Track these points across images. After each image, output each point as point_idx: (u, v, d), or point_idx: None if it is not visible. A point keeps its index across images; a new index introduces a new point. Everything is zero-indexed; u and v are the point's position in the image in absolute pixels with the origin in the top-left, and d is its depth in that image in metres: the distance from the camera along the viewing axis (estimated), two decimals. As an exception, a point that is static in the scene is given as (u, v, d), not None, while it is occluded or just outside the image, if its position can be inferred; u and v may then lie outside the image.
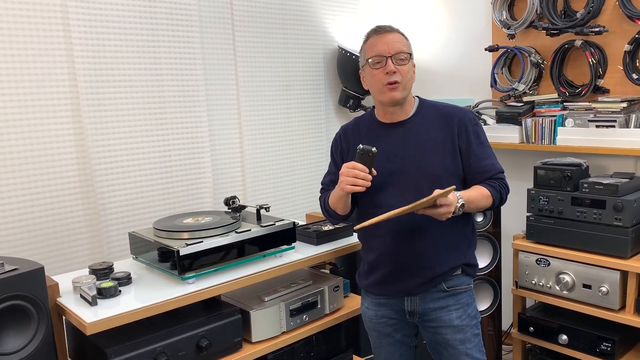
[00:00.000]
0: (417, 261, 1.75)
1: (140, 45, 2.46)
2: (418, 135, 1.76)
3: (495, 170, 1.79)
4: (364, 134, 1.85)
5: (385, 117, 1.83)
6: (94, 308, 1.63)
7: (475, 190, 1.73)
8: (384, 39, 1.72)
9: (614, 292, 2.30)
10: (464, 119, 1.77)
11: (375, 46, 1.73)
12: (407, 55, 1.73)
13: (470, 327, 1.81)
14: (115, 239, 2.44)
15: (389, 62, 1.69)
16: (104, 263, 1.90)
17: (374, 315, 1.88)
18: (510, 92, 2.89)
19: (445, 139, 1.75)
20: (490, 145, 1.82)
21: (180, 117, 2.62)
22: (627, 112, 2.47)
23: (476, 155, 1.76)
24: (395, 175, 1.75)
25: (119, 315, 1.58)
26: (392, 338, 1.88)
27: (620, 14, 2.52)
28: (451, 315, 1.79)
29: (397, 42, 1.72)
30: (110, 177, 2.41)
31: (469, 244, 1.85)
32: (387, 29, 1.75)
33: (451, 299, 1.80)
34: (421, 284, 1.76)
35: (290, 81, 3.05)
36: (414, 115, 1.80)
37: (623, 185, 2.30)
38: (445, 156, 1.74)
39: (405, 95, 1.75)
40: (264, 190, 2.97)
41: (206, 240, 1.82)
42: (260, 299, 1.99)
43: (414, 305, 1.79)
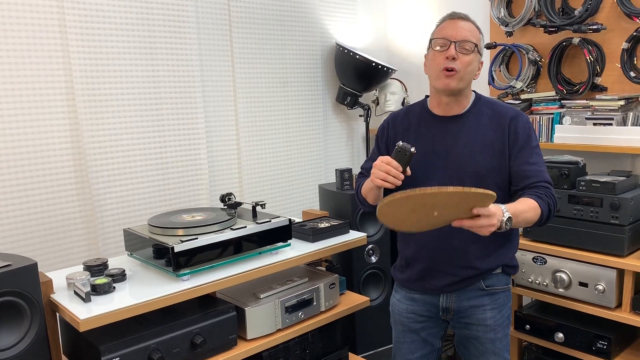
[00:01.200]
0: (455, 259, 1.72)
1: (137, 40, 2.45)
2: (469, 133, 1.72)
3: (541, 177, 1.68)
4: (414, 124, 1.80)
5: (438, 109, 1.77)
6: (87, 304, 1.62)
7: (522, 203, 1.61)
8: (455, 24, 1.69)
9: (610, 290, 2.29)
10: (516, 120, 1.71)
11: (444, 29, 1.69)
12: (472, 45, 1.67)
13: (503, 327, 1.80)
14: (111, 235, 2.43)
15: (452, 47, 1.65)
16: (98, 259, 1.89)
17: (405, 309, 1.86)
18: (508, 89, 2.89)
19: (495, 140, 1.70)
20: (541, 153, 1.73)
21: (176, 113, 2.61)
22: (625, 110, 2.46)
23: (523, 158, 1.69)
24: (439, 171, 1.72)
25: (112, 312, 1.57)
26: (416, 335, 1.86)
27: (618, 11, 2.51)
28: (486, 315, 1.77)
29: (467, 31, 1.67)
30: (106, 172, 2.40)
31: (511, 245, 1.81)
32: (461, 16, 1.72)
33: (488, 297, 1.77)
34: (457, 282, 1.74)
35: (287, 78, 3.04)
36: (467, 112, 1.75)
37: (620, 183, 2.29)
38: (493, 157, 1.69)
39: (461, 87, 1.69)
40: (261, 187, 2.96)
41: (201, 237, 1.81)
42: (256, 296, 1.98)
43: (449, 302, 1.77)
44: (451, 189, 1.35)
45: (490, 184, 1.69)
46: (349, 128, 3.42)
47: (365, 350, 2.58)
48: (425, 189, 1.36)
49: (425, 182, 1.70)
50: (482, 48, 1.74)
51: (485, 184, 1.65)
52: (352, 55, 3.06)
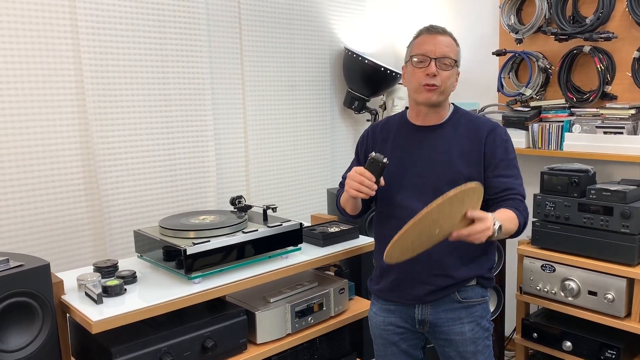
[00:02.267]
0: (430, 268, 1.71)
1: (148, 42, 2.44)
2: (446, 142, 1.72)
3: (516, 190, 1.69)
4: (392, 134, 1.81)
5: (417, 119, 1.79)
6: (99, 306, 1.60)
7: (504, 213, 1.60)
8: (433, 39, 1.69)
9: (620, 299, 2.29)
10: (494, 132, 1.72)
11: (423, 45, 1.69)
12: (452, 61, 1.69)
13: (483, 339, 1.77)
14: (118, 236, 2.42)
15: (432, 64, 1.66)
16: (108, 261, 1.88)
17: (382, 322, 1.84)
18: (517, 96, 2.89)
19: (472, 149, 1.70)
20: (518, 166, 1.74)
21: (185, 115, 2.60)
22: (635, 119, 2.46)
23: (499, 170, 1.69)
24: (418, 179, 1.72)
25: (125, 314, 1.56)
26: (397, 347, 1.84)
27: (630, 20, 2.51)
28: (464, 328, 1.74)
29: (446, 46, 1.68)
30: (115, 173, 2.39)
31: (487, 257, 1.80)
32: (439, 30, 1.71)
33: (464, 311, 1.75)
34: (433, 292, 1.71)
35: (295, 81, 3.03)
36: (446, 122, 1.76)
37: (631, 192, 2.29)
38: (470, 166, 1.69)
39: (441, 100, 1.71)
40: (268, 190, 2.95)
41: (213, 240, 1.80)
42: (266, 300, 1.97)
43: (424, 314, 1.76)
44: (452, 193, 1.37)
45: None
46: (355, 133, 3.41)
47: (371, 356, 2.56)
48: (429, 206, 1.37)
49: (403, 190, 1.73)
50: (459, 62, 1.75)
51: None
52: (360, 60, 3.06)
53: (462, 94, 3.21)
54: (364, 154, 1.87)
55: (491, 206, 1.69)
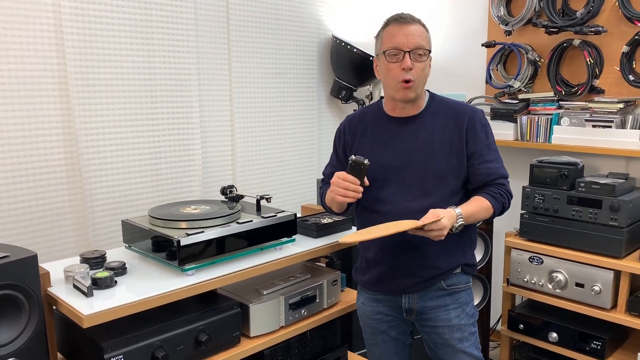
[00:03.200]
0: (416, 260, 1.71)
1: (132, 25, 2.35)
2: (426, 132, 1.71)
3: (498, 174, 1.72)
4: (370, 126, 1.80)
5: (394, 111, 1.77)
6: (89, 299, 1.53)
7: (475, 203, 1.68)
8: (403, 29, 1.64)
9: (606, 291, 2.31)
10: (473, 117, 1.71)
11: (394, 37, 1.65)
12: (426, 51, 1.66)
13: (468, 325, 1.78)
14: (101, 225, 2.34)
15: (407, 58, 1.62)
16: (96, 251, 1.80)
17: (370, 312, 1.84)
18: (506, 89, 2.89)
19: (452, 138, 1.70)
20: (497, 149, 1.76)
21: (171, 102, 2.52)
22: (623, 113, 2.49)
23: (481, 156, 1.70)
24: (400, 172, 1.71)
25: (117, 308, 1.49)
26: (386, 335, 1.85)
27: (619, 15, 2.53)
28: (450, 314, 1.76)
29: (418, 36, 1.64)
30: (98, 161, 2.30)
31: (471, 244, 1.82)
32: (408, 20, 1.67)
33: (450, 297, 1.76)
34: (419, 282, 1.72)
35: (283, 69, 2.97)
36: (423, 111, 1.74)
37: (620, 185, 2.31)
38: (451, 155, 1.69)
39: (419, 93, 1.70)
40: (254, 180, 2.90)
41: (207, 231, 1.74)
42: (258, 292, 1.92)
43: (411, 303, 1.75)
44: (410, 227, 1.51)
45: (451, 183, 1.70)
46: (342, 122, 3.37)
47: (360, 348, 2.55)
48: (379, 231, 1.52)
49: (385, 184, 1.72)
50: (431, 46, 1.72)
51: (446, 183, 1.69)
52: (349, 49, 3.01)
53: (450, 85, 3.20)
54: (342, 149, 1.87)
55: (473, 192, 1.74)
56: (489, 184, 1.71)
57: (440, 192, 1.69)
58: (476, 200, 1.69)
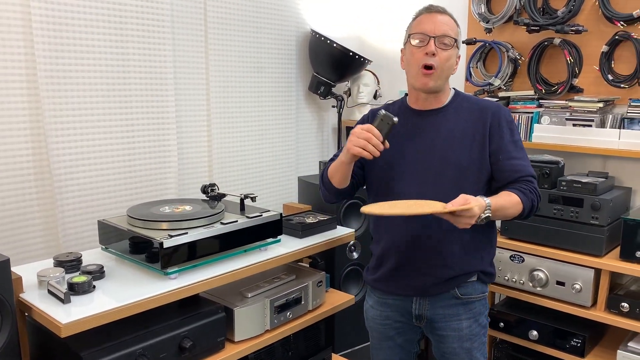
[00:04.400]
0: (430, 257, 1.65)
1: (106, 14, 2.23)
2: (448, 126, 1.66)
3: (525, 172, 1.65)
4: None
5: (417, 104, 1.72)
6: (66, 306, 1.44)
7: (504, 197, 1.58)
8: (432, 18, 1.62)
9: (587, 289, 2.33)
10: (498, 113, 1.67)
11: (422, 24, 1.62)
12: (452, 40, 1.62)
13: (479, 335, 1.74)
14: (72, 225, 2.21)
15: (431, 43, 1.59)
16: (71, 254, 1.70)
17: (378, 316, 1.78)
18: (486, 87, 2.88)
19: (475, 132, 1.64)
20: (524, 147, 1.70)
21: (146, 97, 2.41)
22: (603, 112, 2.50)
23: (507, 152, 1.64)
24: (419, 165, 1.65)
25: (97, 315, 1.40)
26: (393, 341, 1.79)
27: (598, 15, 2.54)
28: (461, 324, 1.70)
29: (445, 25, 1.61)
30: (69, 157, 2.18)
31: (490, 249, 1.76)
32: (439, 9, 1.65)
33: (462, 307, 1.71)
34: (433, 284, 1.66)
35: (261, 64, 2.89)
36: (447, 106, 1.70)
37: (601, 184, 2.33)
38: (472, 149, 1.63)
39: (439, 85, 1.64)
40: (232, 177, 2.81)
41: (191, 232, 1.66)
42: (243, 295, 1.85)
43: (422, 308, 1.70)
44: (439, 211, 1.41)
45: (471, 176, 1.65)
46: (320, 119, 3.31)
47: (343, 349, 2.51)
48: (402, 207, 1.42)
49: (406, 176, 1.66)
50: (460, 42, 1.70)
51: (466, 177, 1.63)
52: (329, 44, 2.95)
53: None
54: None
55: (499, 189, 1.65)
56: (517, 181, 1.64)
57: (460, 185, 1.62)
58: (505, 195, 1.59)
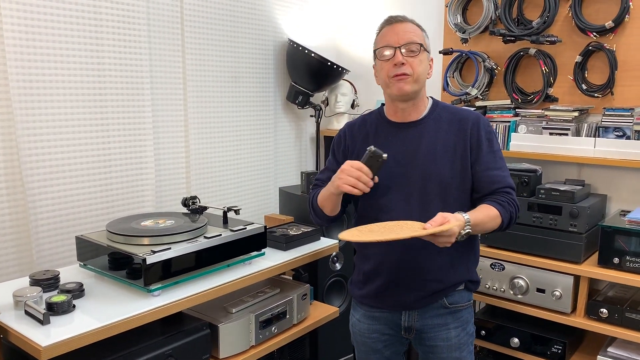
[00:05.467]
0: (418, 273, 1.64)
1: (81, 24, 2.17)
2: (429, 138, 1.65)
3: (504, 183, 1.65)
4: (372, 132, 1.73)
5: (395, 116, 1.71)
6: (45, 327, 1.38)
7: (483, 210, 1.58)
8: (395, 28, 1.62)
9: (566, 295, 2.36)
10: (477, 124, 1.67)
11: (385, 36, 1.62)
12: (418, 46, 1.61)
13: (467, 344, 1.74)
14: (46, 240, 2.14)
15: (397, 53, 1.58)
16: (47, 272, 1.63)
17: (366, 329, 1.76)
18: (463, 96, 2.90)
19: (457, 144, 1.64)
20: (503, 157, 1.70)
21: (122, 107, 2.35)
22: (578, 121, 2.55)
23: (485, 163, 1.65)
24: (403, 179, 1.64)
25: (79, 336, 1.35)
26: (380, 354, 1.77)
27: (572, 26, 2.59)
28: (450, 334, 1.70)
29: (409, 32, 1.61)
30: (42, 170, 2.11)
31: (474, 260, 1.77)
32: (399, 19, 1.64)
33: (451, 316, 1.71)
34: (421, 298, 1.65)
35: (239, 73, 2.86)
36: (426, 117, 1.69)
37: (578, 192, 2.37)
38: (455, 162, 1.64)
39: (415, 90, 1.63)
40: (210, 189, 2.76)
41: (174, 247, 1.62)
42: (227, 310, 1.81)
43: (411, 320, 1.69)
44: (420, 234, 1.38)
45: (455, 190, 1.65)
46: (298, 129, 3.29)
47: (326, 361, 2.48)
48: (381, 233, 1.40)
49: (387, 192, 1.66)
50: (429, 45, 1.69)
51: (450, 191, 1.64)
52: (306, 53, 2.94)
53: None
54: (342, 154, 1.78)
55: (478, 200, 1.65)
56: (495, 192, 1.64)
57: (444, 198, 1.62)
58: (483, 208, 1.59)
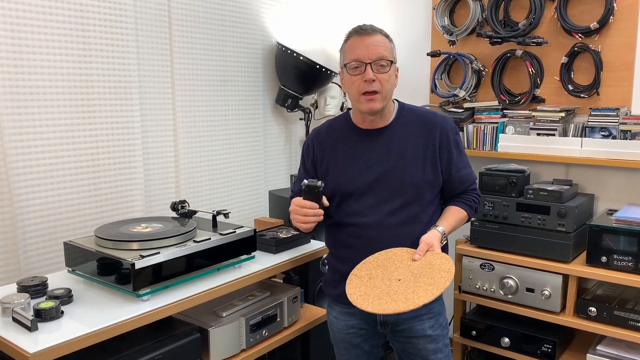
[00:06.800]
0: None
1: (68, 28, 2.16)
2: (398, 143, 1.68)
3: (471, 180, 1.80)
4: (341, 139, 1.75)
5: (364, 124, 1.73)
6: (33, 334, 1.37)
7: (454, 215, 1.73)
8: (364, 41, 1.60)
9: (556, 295, 2.37)
10: (446, 127, 1.71)
11: (355, 50, 1.61)
12: (388, 62, 1.62)
13: (442, 336, 1.77)
14: (34, 247, 2.12)
15: (368, 69, 1.59)
16: (35, 278, 1.62)
17: (344, 326, 1.78)
18: (451, 98, 2.92)
19: (426, 148, 1.68)
20: (465, 152, 1.80)
21: (110, 112, 2.34)
22: (565, 121, 2.57)
23: (456, 165, 1.74)
24: (374, 185, 1.67)
25: (67, 343, 1.34)
26: (360, 349, 1.80)
27: (557, 27, 2.62)
28: (424, 325, 1.74)
29: (379, 47, 1.60)
30: (30, 176, 2.09)
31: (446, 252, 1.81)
32: (368, 31, 1.63)
33: (424, 308, 1.72)
34: None
35: (227, 77, 2.86)
36: (393, 122, 1.71)
37: (566, 191, 2.38)
38: (425, 167, 1.68)
39: (384, 104, 1.66)
40: (200, 193, 2.75)
41: (163, 251, 1.61)
42: (217, 314, 1.81)
43: (386, 315, 1.71)
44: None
45: (427, 193, 1.71)
46: (287, 131, 3.29)
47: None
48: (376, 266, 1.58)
49: (361, 198, 1.69)
50: (396, 56, 1.71)
51: (422, 194, 1.69)
52: (295, 57, 2.95)
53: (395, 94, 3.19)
54: (311, 162, 1.81)
55: (449, 201, 1.79)
56: (464, 191, 1.77)
57: (417, 202, 1.68)
58: (454, 213, 1.73)
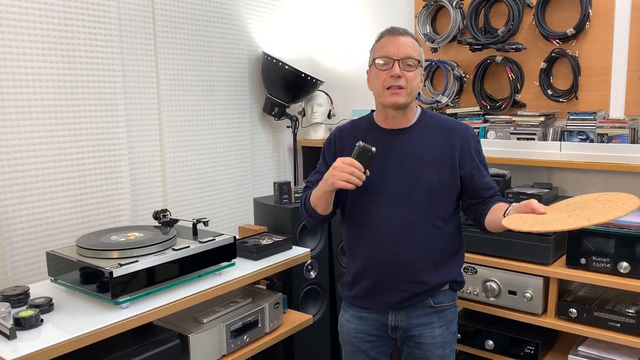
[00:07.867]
0: (404, 274, 1.71)
1: (53, 41, 2.21)
2: (417, 145, 1.72)
3: (495, 187, 1.82)
4: (361, 137, 1.78)
5: (385, 122, 1.77)
6: (12, 342, 1.40)
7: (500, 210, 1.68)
8: (395, 41, 1.67)
9: (537, 297, 2.40)
10: (466, 135, 1.76)
11: (385, 47, 1.68)
12: (415, 61, 1.68)
13: (450, 343, 1.81)
14: (21, 257, 2.16)
15: (396, 66, 1.64)
16: (17, 287, 1.66)
17: (353, 329, 1.81)
18: (434, 104, 2.96)
19: (445, 153, 1.72)
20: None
21: (95, 122, 2.38)
22: (544, 125, 2.61)
23: (480, 171, 1.76)
24: (390, 184, 1.71)
25: (45, 350, 1.38)
26: (366, 355, 1.83)
27: (536, 33, 2.66)
28: (434, 332, 1.77)
29: (408, 47, 1.67)
30: (16, 187, 2.13)
31: (458, 260, 1.84)
32: (400, 31, 1.70)
33: (436, 315, 1.77)
34: (407, 298, 1.72)
35: (214, 86, 2.90)
36: (415, 125, 1.76)
37: (545, 195, 2.42)
38: (442, 169, 1.71)
39: (408, 102, 1.70)
40: (187, 201, 2.79)
41: (141, 260, 1.65)
42: (198, 320, 1.84)
43: (398, 320, 1.75)
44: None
45: (441, 197, 1.73)
46: (275, 139, 3.33)
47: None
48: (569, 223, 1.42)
49: (375, 197, 1.72)
50: (423, 62, 1.76)
51: (436, 197, 1.71)
52: (280, 66, 2.99)
53: (380, 101, 3.24)
54: (332, 157, 1.82)
55: (474, 206, 1.78)
56: (492, 196, 1.79)
57: (430, 204, 1.70)
58: (497, 208, 1.70)
